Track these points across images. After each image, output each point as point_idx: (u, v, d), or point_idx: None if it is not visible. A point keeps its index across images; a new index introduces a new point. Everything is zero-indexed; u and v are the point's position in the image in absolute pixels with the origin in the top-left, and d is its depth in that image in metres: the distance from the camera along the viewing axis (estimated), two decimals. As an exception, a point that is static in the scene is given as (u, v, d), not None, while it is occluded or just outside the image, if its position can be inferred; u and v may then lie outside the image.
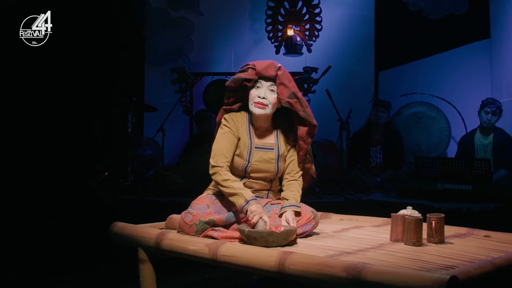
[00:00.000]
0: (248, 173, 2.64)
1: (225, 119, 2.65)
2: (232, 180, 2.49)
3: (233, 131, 2.62)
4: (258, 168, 2.63)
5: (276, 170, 2.66)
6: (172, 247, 2.44)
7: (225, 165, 2.54)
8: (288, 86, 2.54)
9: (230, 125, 2.62)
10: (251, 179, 2.65)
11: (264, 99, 2.58)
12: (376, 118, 5.78)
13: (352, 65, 6.91)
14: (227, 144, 2.58)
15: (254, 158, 2.62)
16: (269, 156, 2.65)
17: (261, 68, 2.57)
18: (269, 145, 2.67)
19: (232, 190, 2.47)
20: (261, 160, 2.63)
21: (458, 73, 6.65)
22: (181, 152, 6.34)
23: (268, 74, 2.57)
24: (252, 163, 2.62)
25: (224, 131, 2.61)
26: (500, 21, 6.34)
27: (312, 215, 2.59)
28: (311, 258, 1.98)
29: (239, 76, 2.59)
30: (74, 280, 3.47)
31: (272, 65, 2.58)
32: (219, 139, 2.61)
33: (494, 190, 4.48)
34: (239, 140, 2.63)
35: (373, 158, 5.78)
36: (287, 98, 2.54)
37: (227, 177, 2.50)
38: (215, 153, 2.57)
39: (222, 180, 2.49)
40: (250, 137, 2.65)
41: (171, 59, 7.13)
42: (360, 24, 7.01)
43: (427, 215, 2.42)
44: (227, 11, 7.26)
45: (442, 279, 1.64)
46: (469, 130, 5.74)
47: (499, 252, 2.22)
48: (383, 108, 5.78)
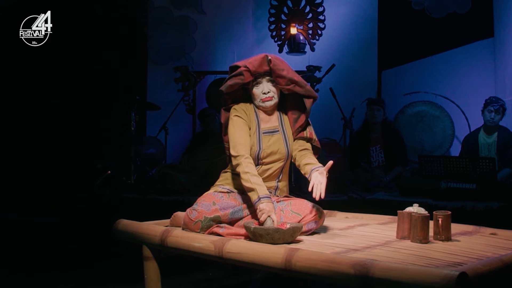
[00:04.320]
0: (261, 159, 2.67)
1: (235, 109, 2.69)
2: (252, 174, 2.51)
3: (245, 120, 2.67)
4: (270, 152, 2.67)
5: (286, 151, 2.69)
6: (177, 244, 2.43)
7: (246, 154, 2.57)
8: (283, 75, 2.61)
9: (241, 114, 2.67)
10: (264, 166, 2.68)
11: (269, 92, 2.65)
12: (373, 117, 5.76)
13: (355, 64, 6.90)
14: (243, 133, 2.63)
15: (264, 144, 2.66)
16: (277, 138, 2.70)
17: (255, 67, 2.61)
18: (274, 128, 2.72)
19: (249, 184, 2.49)
20: (271, 144, 2.67)
21: (461, 72, 6.63)
22: (183, 150, 6.33)
23: (262, 70, 2.63)
24: (264, 149, 2.66)
25: (237, 122, 2.65)
26: (504, 20, 6.33)
27: (318, 212, 2.58)
28: (318, 255, 1.97)
29: (235, 82, 2.62)
30: (78, 277, 3.46)
31: (264, 60, 2.62)
32: (234, 129, 2.63)
33: (499, 188, 4.45)
34: (250, 129, 2.67)
35: (374, 158, 5.76)
36: (285, 86, 2.62)
37: (248, 169, 2.52)
38: (234, 144, 2.60)
39: (243, 172, 2.52)
40: (258, 124, 2.70)
41: (174, 57, 7.12)
42: (364, 23, 7.00)
43: (433, 212, 2.41)
44: (230, 10, 7.25)
45: (452, 276, 1.63)
46: (472, 129, 5.72)
47: (506, 249, 2.20)
48: (378, 106, 5.76)
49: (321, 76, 5.98)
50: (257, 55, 2.67)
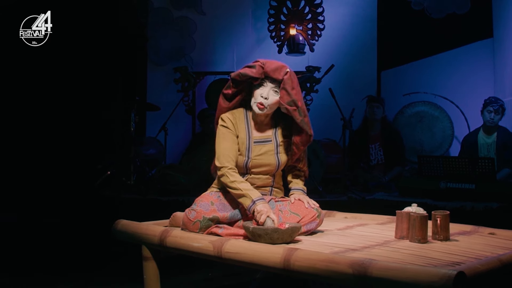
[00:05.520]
0: (249, 168, 2.64)
1: (221, 119, 2.65)
2: (239, 181, 2.50)
3: (231, 130, 2.62)
4: (258, 163, 2.63)
5: (276, 163, 2.66)
6: (176, 244, 2.43)
7: (230, 165, 2.54)
8: (290, 93, 2.53)
9: (228, 124, 2.63)
10: (253, 175, 2.65)
11: (266, 99, 2.57)
12: (372, 114, 5.78)
13: (354, 64, 6.90)
14: (228, 144, 2.59)
15: (253, 153, 2.63)
16: (268, 149, 2.65)
17: (270, 69, 2.55)
18: (267, 138, 2.68)
19: (239, 192, 2.47)
20: (261, 154, 2.64)
21: (460, 72, 6.64)
22: (183, 151, 6.34)
23: (275, 77, 2.56)
24: (252, 158, 2.62)
25: (223, 132, 2.62)
26: (503, 20, 6.34)
27: (317, 213, 2.58)
28: (317, 255, 1.98)
29: (245, 72, 2.58)
30: (78, 278, 3.46)
31: (281, 69, 2.55)
32: (219, 140, 2.61)
33: (498, 188, 4.46)
34: (238, 138, 2.63)
35: (373, 156, 5.78)
36: (286, 104, 2.54)
37: (234, 178, 2.50)
38: (218, 155, 2.58)
39: (230, 182, 2.50)
40: (248, 133, 2.65)
41: (174, 58, 7.13)
42: (363, 23, 7.01)
43: (432, 212, 2.41)
44: (229, 10, 7.26)
45: (449, 275, 1.64)
46: (472, 129, 5.73)
47: (504, 249, 2.21)
48: (378, 104, 5.78)
49: (321, 76, 6.00)
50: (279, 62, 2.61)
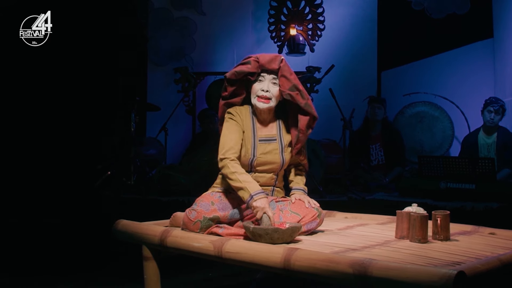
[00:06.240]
0: (255, 167, 2.63)
1: (229, 112, 2.65)
2: (240, 172, 2.48)
3: (239, 123, 2.62)
4: (263, 161, 2.63)
5: (281, 161, 2.65)
6: (177, 244, 2.43)
7: (233, 156, 2.52)
8: (289, 78, 2.55)
9: (236, 118, 2.62)
10: (257, 173, 2.64)
11: (267, 92, 2.58)
12: (373, 115, 5.78)
13: (355, 64, 6.90)
14: (234, 136, 2.58)
15: (259, 151, 2.62)
16: (273, 147, 2.65)
17: (265, 61, 2.57)
18: (272, 136, 2.67)
19: (238, 184, 2.45)
20: (266, 152, 2.63)
21: (461, 73, 6.64)
22: (183, 151, 6.34)
23: (271, 68, 2.57)
24: (258, 157, 2.61)
25: (231, 124, 2.61)
26: (503, 20, 6.34)
27: (317, 212, 2.58)
28: (317, 255, 1.98)
29: (241, 69, 2.58)
30: (77, 278, 3.46)
31: (276, 58, 2.57)
32: (226, 131, 2.60)
33: (498, 189, 4.46)
34: (244, 134, 2.63)
35: (373, 157, 5.78)
36: (288, 90, 2.55)
37: (235, 169, 2.48)
38: (223, 146, 2.56)
39: (230, 173, 2.48)
40: (254, 131, 2.65)
41: (174, 58, 7.14)
42: (363, 23, 7.01)
43: (432, 212, 2.41)
44: (229, 11, 7.27)
45: (450, 275, 1.64)
46: (472, 130, 5.72)
47: (504, 249, 2.21)
48: (379, 104, 5.79)
49: (321, 76, 6.00)
50: (272, 53, 2.64)
